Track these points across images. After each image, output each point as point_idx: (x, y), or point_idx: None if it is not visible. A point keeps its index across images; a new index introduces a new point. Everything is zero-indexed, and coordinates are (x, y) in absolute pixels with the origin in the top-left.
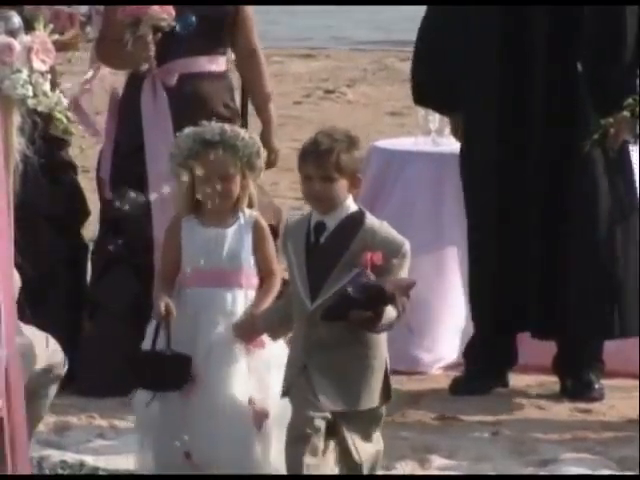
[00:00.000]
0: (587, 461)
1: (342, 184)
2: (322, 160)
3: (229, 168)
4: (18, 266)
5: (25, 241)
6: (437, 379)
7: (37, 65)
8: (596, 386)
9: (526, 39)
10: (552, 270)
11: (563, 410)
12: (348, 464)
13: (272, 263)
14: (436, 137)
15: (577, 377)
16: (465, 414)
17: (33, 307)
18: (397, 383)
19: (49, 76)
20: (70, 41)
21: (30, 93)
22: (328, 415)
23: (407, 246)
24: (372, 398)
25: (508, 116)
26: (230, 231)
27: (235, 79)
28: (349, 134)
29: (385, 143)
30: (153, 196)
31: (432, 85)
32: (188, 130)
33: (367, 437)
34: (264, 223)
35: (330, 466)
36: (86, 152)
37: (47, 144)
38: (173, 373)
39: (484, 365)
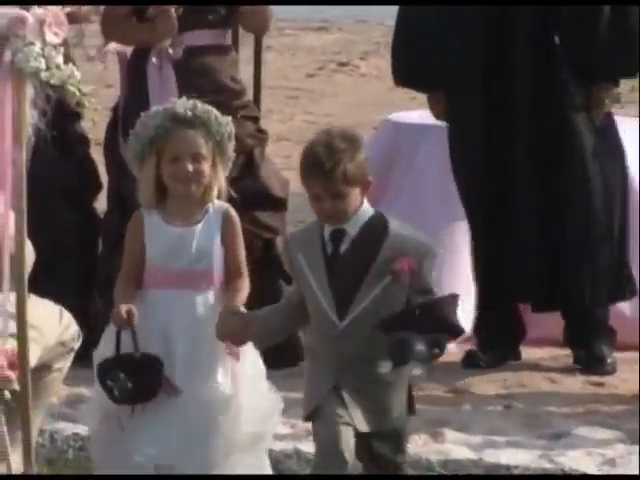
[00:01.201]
0: (599, 434)
1: (354, 194)
2: (329, 179)
3: (201, 147)
4: (31, 239)
5: (37, 214)
6: (449, 353)
7: (50, 38)
8: (608, 360)
9: (507, 16)
10: (549, 241)
11: (575, 383)
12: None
13: (242, 262)
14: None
15: (589, 349)
16: (477, 388)
17: (46, 280)
18: None
19: (62, 49)
20: (83, 14)
21: (43, 66)
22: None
23: (434, 248)
24: (402, 414)
25: (491, 93)
26: (198, 228)
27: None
28: (349, 136)
29: (397, 116)
30: None
31: (412, 65)
32: (155, 107)
33: (396, 452)
34: (235, 216)
35: None
36: (99, 125)
37: (60, 117)
38: (147, 378)
39: (495, 339)
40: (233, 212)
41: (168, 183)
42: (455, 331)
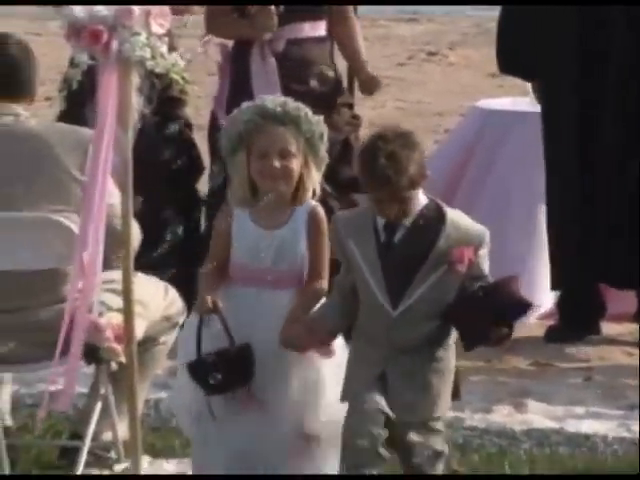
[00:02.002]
0: None
1: (416, 194)
2: (396, 188)
3: (290, 144)
4: (137, 219)
5: (142, 195)
6: (533, 327)
7: (155, 28)
8: None
9: (602, 12)
10: (632, 222)
11: None
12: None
13: (323, 263)
14: (534, 98)
15: None
16: (559, 361)
17: (151, 258)
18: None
19: (166, 39)
20: (186, 6)
21: (148, 55)
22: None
23: (488, 234)
24: (447, 403)
25: (585, 82)
26: (284, 229)
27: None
28: (406, 139)
29: (485, 103)
30: None
31: (515, 56)
32: (247, 103)
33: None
34: (321, 214)
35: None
36: (201, 111)
37: (164, 103)
38: (239, 367)
39: (576, 315)
40: (320, 210)
41: (256, 180)
42: (525, 305)
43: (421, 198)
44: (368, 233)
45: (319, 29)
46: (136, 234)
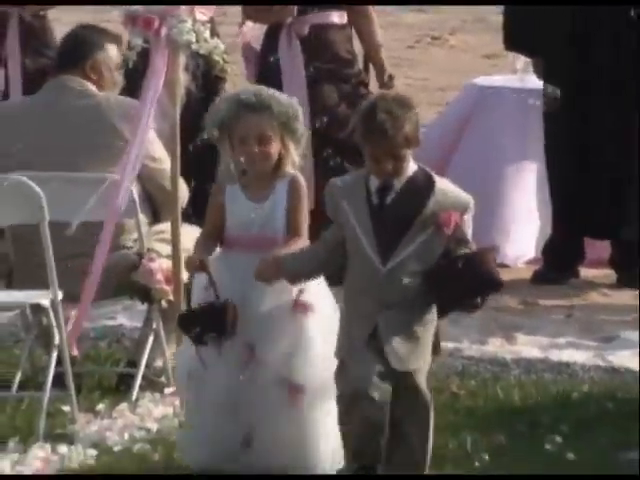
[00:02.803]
0: None
1: (409, 153)
2: (392, 143)
3: (265, 129)
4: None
5: (187, 160)
6: (520, 271)
7: (199, 16)
8: None
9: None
10: (615, 186)
11: (623, 297)
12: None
13: (302, 224)
14: (522, 75)
15: (629, 271)
16: (544, 300)
17: (198, 218)
18: None
19: (209, 25)
20: None
21: (193, 39)
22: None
23: (473, 201)
24: (429, 354)
25: (579, 59)
26: (269, 199)
27: None
28: (404, 101)
29: (480, 80)
30: None
31: (520, 35)
32: (226, 94)
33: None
34: (300, 182)
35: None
36: (237, 87)
37: (209, 81)
38: (217, 320)
39: (559, 261)
40: (299, 179)
41: (242, 162)
42: (495, 284)
43: (412, 164)
44: (361, 195)
45: (340, 18)
46: (183, 192)
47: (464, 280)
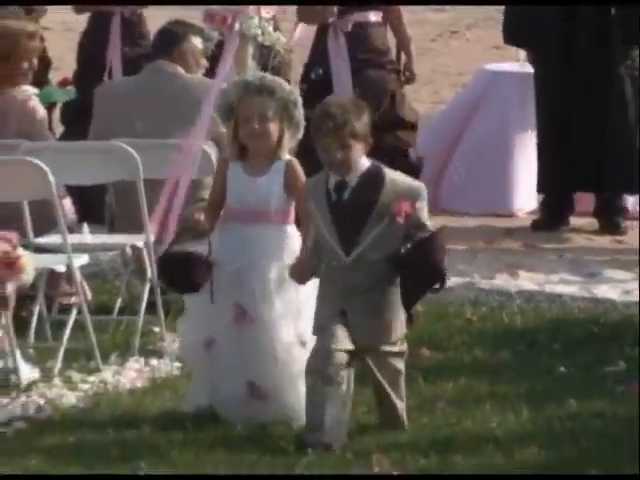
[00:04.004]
0: (620, 275)
1: (358, 148)
2: (339, 131)
3: (267, 110)
4: None
5: None
6: (523, 220)
7: (264, 14)
8: (622, 225)
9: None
10: (599, 145)
11: (605, 241)
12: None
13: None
14: (523, 63)
15: (611, 220)
16: (541, 243)
17: None
18: (496, 222)
19: (272, 21)
20: None
21: (259, 32)
22: (349, 347)
23: (424, 188)
24: (401, 330)
25: (562, 50)
26: (265, 176)
27: None
28: (356, 102)
29: (490, 66)
30: None
31: (514, 32)
32: (234, 80)
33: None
34: (296, 164)
35: (347, 397)
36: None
37: (273, 68)
38: (188, 269)
39: (554, 212)
40: (295, 163)
41: (244, 139)
42: (439, 278)
43: (364, 161)
44: (322, 194)
45: (376, 16)
46: None
47: (414, 268)
